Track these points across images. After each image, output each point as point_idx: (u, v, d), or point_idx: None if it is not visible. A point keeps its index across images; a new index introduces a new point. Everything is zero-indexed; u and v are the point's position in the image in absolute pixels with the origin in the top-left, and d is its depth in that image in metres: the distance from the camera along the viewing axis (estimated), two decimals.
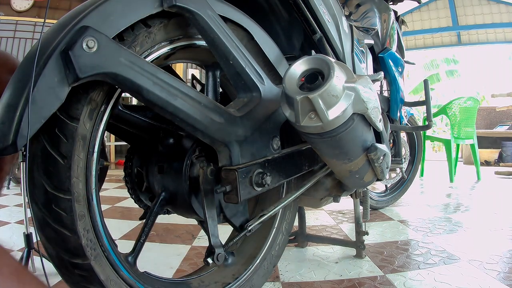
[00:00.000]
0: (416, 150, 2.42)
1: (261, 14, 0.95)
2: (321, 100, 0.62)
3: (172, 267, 1.23)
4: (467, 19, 7.31)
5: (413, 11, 7.52)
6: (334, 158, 0.78)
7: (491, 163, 5.09)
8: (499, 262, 1.24)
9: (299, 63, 0.68)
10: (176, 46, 0.69)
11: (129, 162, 0.85)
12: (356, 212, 1.33)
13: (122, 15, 0.56)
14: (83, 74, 0.49)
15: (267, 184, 0.74)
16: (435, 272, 1.16)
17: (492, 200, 2.55)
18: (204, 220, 0.72)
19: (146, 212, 0.86)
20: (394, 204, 2.29)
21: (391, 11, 1.81)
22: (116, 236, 1.57)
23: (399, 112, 1.78)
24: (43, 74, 0.47)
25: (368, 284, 1.08)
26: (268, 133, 0.79)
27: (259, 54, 0.84)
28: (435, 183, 3.48)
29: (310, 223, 1.82)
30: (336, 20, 1.05)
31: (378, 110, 0.75)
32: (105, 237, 0.60)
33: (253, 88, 0.77)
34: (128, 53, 0.54)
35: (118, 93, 0.61)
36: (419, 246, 1.44)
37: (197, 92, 0.65)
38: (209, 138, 0.68)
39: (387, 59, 1.70)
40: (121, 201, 2.39)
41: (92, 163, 0.57)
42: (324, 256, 1.34)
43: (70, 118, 0.54)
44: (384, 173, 0.91)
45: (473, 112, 3.71)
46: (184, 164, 0.76)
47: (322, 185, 1.02)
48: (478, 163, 3.70)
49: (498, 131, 5.33)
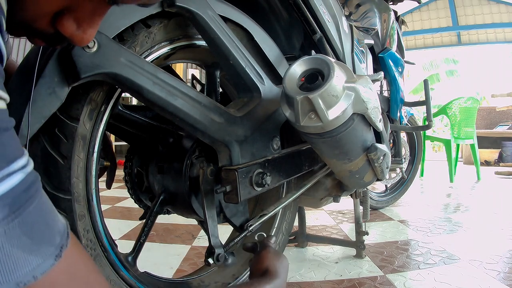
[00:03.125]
0: (416, 150, 2.43)
1: (261, 14, 0.95)
2: (321, 100, 0.62)
3: (172, 267, 1.23)
4: (467, 19, 7.31)
5: (413, 11, 7.53)
6: (334, 158, 0.78)
7: (491, 163, 5.09)
8: (499, 262, 1.24)
9: (299, 63, 0.68)
10: (176, 46, 0.69)
11: (129, 162, 0.85)
12: (356, 212, 1.33)
13: (122, 15, 0.56)
14: (83, 74, 0.49)
15: (267, 184, 0.74)
16: (435, 272, 1.16)
17: (492, 200, 2.55)
18: (204, 220, 0.72)
19: (146, 212, 0.86)
20: (394, 204, 2.29)
21: (391, 11, 1.81)
22: (116, 236, 1.57)
23: (399, 112, 1.78)
24: (43, 74, 0.47)
25: (368, 284, 1.08)
26: (268, 133, 0.79)
27: (259, 54, 0.84)
28: (435, 183, 3.48)
29: (310, 223, 1.81)
30: (336, 20, 1.05)
31: (378, 110, 0.75)
32: (105, 237, 0.60)
33: (253, 88, 0.77)
34: (128, 53, 0.54)
35: (118, 93, 0.61)
36: (419, 246, 1.44)
37: (197, 92, 0.65)
38: (209, 138, 0.68)
39: (387, 59, 1.70)
40: (121, 201, 2.39)
41: (92, 163, 0.57)
42: (324, 256, 1.34)
43: (70, 118, 0.54)
44: (384, 173, 0.91)
45: (473, 112, 3.71)
46: (184, 164, 0.76)
47: (322, 185, 1.02)
48: (478, 163, 3.70)
49: (498, 131, 5.33)
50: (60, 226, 0.33)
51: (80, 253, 0.36)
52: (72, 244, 0.34)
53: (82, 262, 0.35)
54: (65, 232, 0.33)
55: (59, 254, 0.31)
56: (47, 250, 0.30)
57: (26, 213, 0.29)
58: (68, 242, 0.33)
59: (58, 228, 0.33)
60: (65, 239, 0.33)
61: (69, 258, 0.33)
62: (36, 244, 0.29)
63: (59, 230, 0.33)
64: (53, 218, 0.33)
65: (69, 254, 0.33)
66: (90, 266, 0.37)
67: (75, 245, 0.35)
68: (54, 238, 0.32)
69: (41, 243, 0.30)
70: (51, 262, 0.30)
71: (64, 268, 0.32)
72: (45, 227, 0.31)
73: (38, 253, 0.29)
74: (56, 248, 0.31)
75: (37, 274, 0.29)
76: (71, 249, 0.34)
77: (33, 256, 0.29)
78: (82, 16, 0.37)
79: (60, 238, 0.32)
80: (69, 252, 0.33)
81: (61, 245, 0.32)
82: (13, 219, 0.28)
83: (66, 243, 0.33)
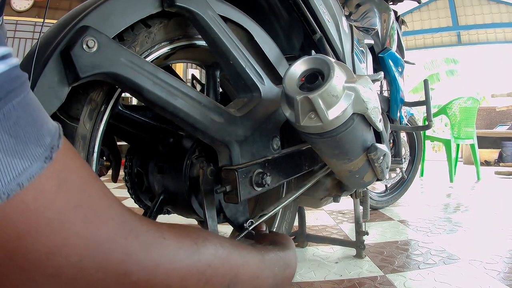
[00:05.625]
0: (416, 150, 2.43)
1: (261, 14, 0.95)
2: (321, 100, 0.62)
3: None
4: (467, 19, 7.31)
5: (413, 11, 7.53)
6: (334, 158, 0.78)
7: (491, 163, 5.09)
8: (499, 262, 1.24)
9: (299, 63, 0.68)
10: (176, 46, 0.69)
11: (129, 162, 0.85)
12: (356, 212, 1.33)
13: (122, 15, 0.56)
14: (83, 74, 0.49)
15: (267, 184, 0.74)
16: (435, 272, 1.16)
17: (492, 200, 2.55)
18: (204, 220, 0.72)
19: (146, 212, 0.86)
20: (394, 204, 2.29)
21: (391, 11, 1.81)
22: None
23: (399, 112, 1.78)
24: (43, 74, 0.47)
25: (368, 284, 1.08)
26: (268, 133, 0.79)
27: (259, 54, 0.84)
28: (435, 183, 3.48)
29: (310, 223, 1.81)
30: (336, 20, 1.05)
31: (378, 110, 0.75)
32: None
33: (253, 88, 0.77)
34: (128, 53, 0.54)
35: (118, 93, 0.61)
36: (419, 246, 1.44)
37: (197, 92, 0.65)
38: (209, 138, 0.68)
39: (387, 59, 1.70)
40: (121, 201, 2.37)
41: (92, 163, 0.57)
42: (324, 256, 1.34)
43: (70, 118, 0.54)
44: (384, 173, 0.91)
45: (473, 112, 3.71)
46: (184, 164, 0.76)
47: (322, 185, 1.02)
48: (478, 163, 3.70)
49: (498, 131, 5.34)
50: (51, 126, 0.28)
51: (74, 156, 0.30)
52: (64, 146, 0.28)
53: (76, 166, 0.29)
54: (56, 133, 0.28)
55: (49, 156, 0.26)
56: (34, 151, 0.25)
57: (8, 107, 0.23)
58: (60, 143, 0.27)
59: (48, 127, 0.27)
60: (57, 140, 0.27)
61: (60, 161, 0.27)
62: (20, 144, 0.24)
63: (50, 131, 0.27)
64: (42, 116, 0.27)
65: (60, 157, 0.27)
66: (86, 172, 0.30)
67: (69, 148, 0.29)
68: (44, 138, 0.26)
69: (27, 143, 0.24)
70: (40, 165, 0.25)
71: (55, 173, 0.26)
72: (32, 125, 0.25)
73: (24, 155, 0.24)
74: (45, 149, 0.26)
75: (23, 180, 0.23)
76: (64, 151, 0.28)
77: (17, 159, 0.23)
78: None
79: (50, 138, 0.27)
80: (61, 155, 0.27)
81: (51, 146, 0.26)
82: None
83: (58, 144, 0.27)
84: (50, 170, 0.25)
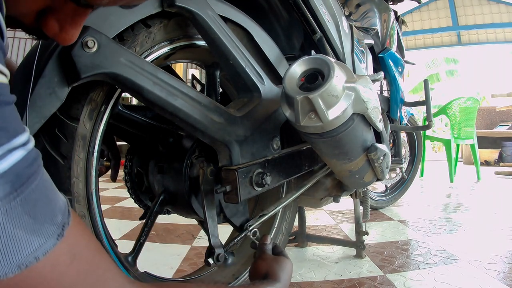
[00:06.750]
0: (416, 150, 2.43)
1: (261, 14, 0.95)
2: (321, 100, 0.62)
3: (172, 267, 1.23)
4: (467, 19, 7.31)
5: (413, 11, 7.53)
6: (334, 158, 0.78)
7: (491, 163, 5.09)
8: (499, 262, 1.24)
9: (299, 63, 0.68)
10: (176, 46, 0.69)
11: (129, 162, 0.85)
12: (356, 212, 1.33)
13: (122, 15, 0.56)
14: (83, 74, 0.49)
15: (267, 184, 0.74)
16: (435, 272, 1.16)
17: (492, 200, 2.55)
18: (204, 220, 0.72)
19: (146, 212, 0.86)
20: (394, 204, 2.29)
21: (391, 11, 1.81)
22: (116, 236, 1.57)
23: (399, 112, 1.78)
24: (43, 74, 0.47)
25: (368, 284, 1.08)
26: (268, 133, 0.79)
27: (259, 54, 0.84)
28: (435, 183, 3.48)
29: (310, 223, 1.82)
30: (336, 20, 1.05)
31: (378, 110, 0.75)
32: (105, 237, 0.60)
33: (253, 88, 0.77)
34: (128, 53, 0.54)
35: (118, 93, 0.61)
36: (419, 246, 1.44)
37: (197, 92, 0.65)
38: (209, 138, 0.68)
39: (387, 59, 1.70)
40: (121, 201, 2.38)
41: (92, 163, 0.57)
42: (324, 256, 1.34)
43: (70, 118, 0.54)
44: (384, 173, 0.91)
45: (473, 112, 3.71)
46: (184, 164, 0.76)
47: (322, 185, 1.02)
48: (478, 163, 3.70)
49: (498, 131, 5.34)
50: (61, 204, 0.32)
51: (83, 232, 0.34)
52: (74, 222, 0.32)
53: (85, 241, 0.34)
54: (66, 210, 0.32)
55: (61, 233, 0.30)
56: (49, 229, 0.29)
57: (28, 191, 0.28)
58: (69, 220, 0.32)
59: (59, 205, 0.31)
60: (67, 217, 0.31)
61: (71, 237, 0.31)
62: (38, 224, 0.28)
63: (60, 208, 0.31)
64: (54, 196, 0.31)
65: (71, 233, 0.31)
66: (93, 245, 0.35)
67: (78, 223, 0.34)
68: (56, 217, 0.30)
69: (43, 222, 0.29)
70: (53, 242, 0.29)
71: (67, 248, 0.31)
72: (47, 205, 0.30)
73: (40, 233, 0.28)
74: (58, 227, 0.30)
75: (39, 255, 0.28)
76: (73, 227, 0.32)
77: (35, 237, 0.28)
78: (64, 17, 0.37)
79: (61, 216, 0.31)
80: (71, 231, 0.31)
81: (63, 223, 0.30)
82: (15, 197, 0.26)
83: (68, 221, 0.31)
84: (62, 245, 0.30)
